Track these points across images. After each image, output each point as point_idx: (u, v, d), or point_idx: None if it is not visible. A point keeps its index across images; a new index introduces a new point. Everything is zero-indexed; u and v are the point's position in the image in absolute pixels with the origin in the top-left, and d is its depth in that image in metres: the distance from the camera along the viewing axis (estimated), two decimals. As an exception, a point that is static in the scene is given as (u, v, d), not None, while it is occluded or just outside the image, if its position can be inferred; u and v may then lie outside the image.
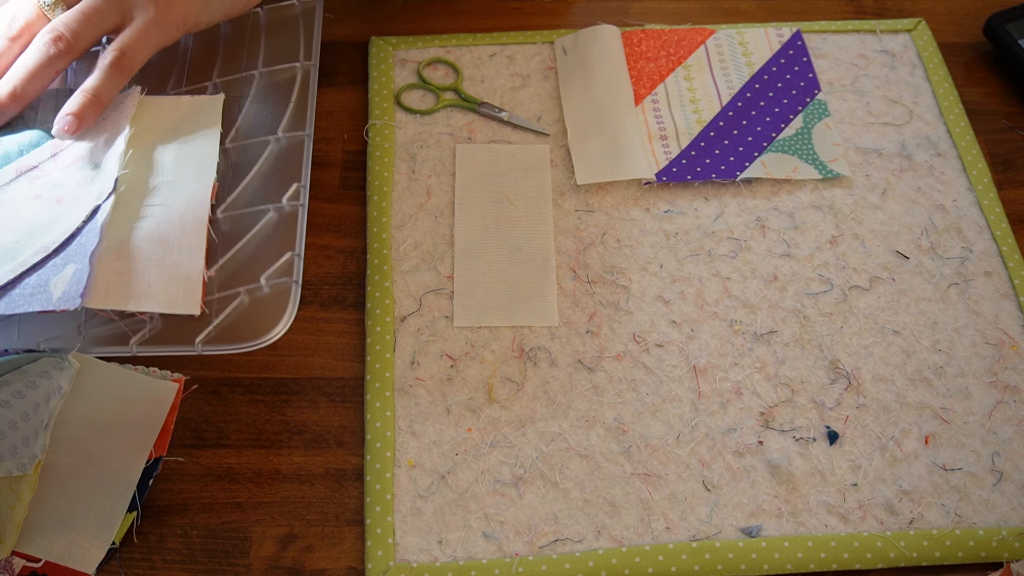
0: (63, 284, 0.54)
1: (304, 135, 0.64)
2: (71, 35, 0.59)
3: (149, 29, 0.61)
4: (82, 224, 0.57)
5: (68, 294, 0.54)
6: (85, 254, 0.55)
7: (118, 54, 0.60)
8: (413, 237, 0.67)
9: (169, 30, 0.62)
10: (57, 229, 0.57)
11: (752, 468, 0.59)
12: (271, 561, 0.56)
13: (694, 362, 0.63)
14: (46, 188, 0.59)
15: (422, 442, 0.60)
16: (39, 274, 0.55)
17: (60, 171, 0.60)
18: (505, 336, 0.63)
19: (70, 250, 0.56)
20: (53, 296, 0.54)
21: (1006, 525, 0.58)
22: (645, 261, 0.67)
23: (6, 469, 0.53)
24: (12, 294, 0.54)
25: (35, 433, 0.55)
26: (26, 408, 0.55)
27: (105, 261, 0.55)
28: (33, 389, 0.55)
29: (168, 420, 0.58)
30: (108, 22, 0.60)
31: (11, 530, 0.54)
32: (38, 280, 0.55)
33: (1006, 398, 0.62)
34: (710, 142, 0.72)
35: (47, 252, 0.56)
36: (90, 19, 0.60)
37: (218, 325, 0.56)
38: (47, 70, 0.59)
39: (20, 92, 0.59)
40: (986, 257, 0.67)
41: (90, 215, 0.57)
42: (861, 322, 0.65)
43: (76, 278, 0.54)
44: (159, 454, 0.57)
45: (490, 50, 0.77)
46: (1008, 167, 0.73)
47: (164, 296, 0.55)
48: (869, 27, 0.79)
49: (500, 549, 0.56)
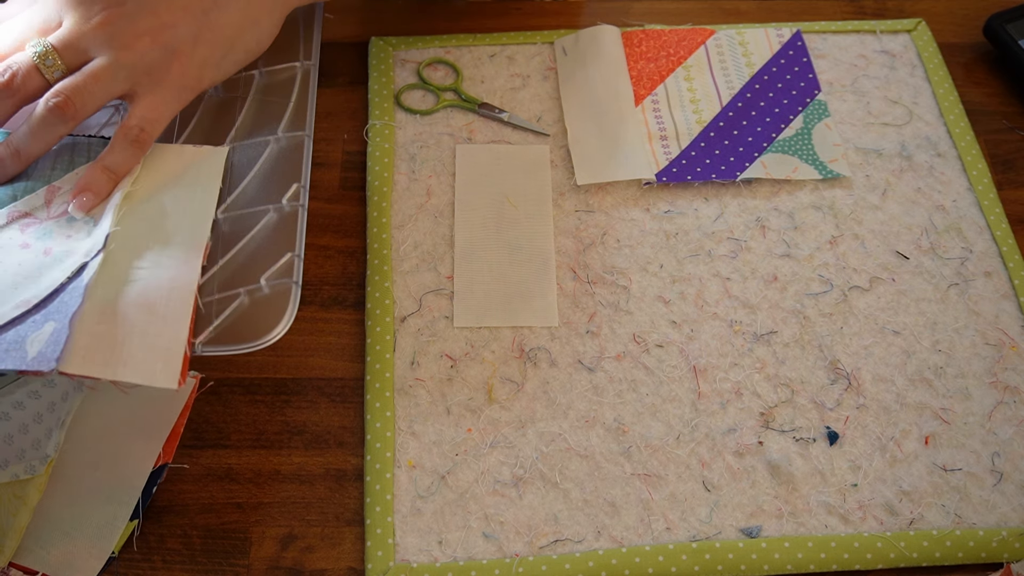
0: (39, 343, 0.52)
1: (304, 135, 0.64)
2: (79, 102, 0.57)
3: (167, 99, 0.58)
4: (67, 281, 0.55)
5: (43, 355, 0.51)
6: (66, 314, 0.53)
7: (137, 129, 0.58)
8: (413, 237, 0.67)
9: (184, 95, 0.59)
10: (41, 284, 0.55)
11: (752, 468, 0.59)
12: (271, 561, 0.56)
13: (694, 362, 0.63)
14: (35, 237, 0.58)
15: (422, 442, 0.60)
16: (17, 329, 0.53)
17: (52, 220, 0.58)
18: (505, 336, 0.63)
19: (51, 307, 0.54)
20: (28, 355, 0.51)
21: (1006, 525, 0.58)
22: (645, 261, 0.67)
23: (12, 474, 0.53)
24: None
25: (48, 433, 0.54)
26: (39, 409, 0.54)
27: (86, 324, 0.53)
28: (50, 388, 0.55)
29: (179, 422, 0.58)
30: (117, 88, 0.58)
31: (12, 538, 0.53)
32: (15, 336, 0.52)
33: (1006, 398, 0.62)
34: (710, 142, 0.72)
35: (27, 307, 0.54)
36: (100, 84, 0.57)
37: (218, 326, 0.56)
38: (51, 135, 0.57)
39: (24, 153, 0.58)
40: (986, 257, 0.67)
41: (76, 272, 0.55)
42: (861, 322, 0.65)
43: (54, 338, 0.52)
44: (165, 460, 0.57)
45: (490, 50, 0.77)
46: (1008, 167, 0.73)
47: (143, 367, 0.53)
48: (869, 27, 0.79)
49: (500, 549, 0.56)
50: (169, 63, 0.58)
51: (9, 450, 0.53)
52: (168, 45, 0.58)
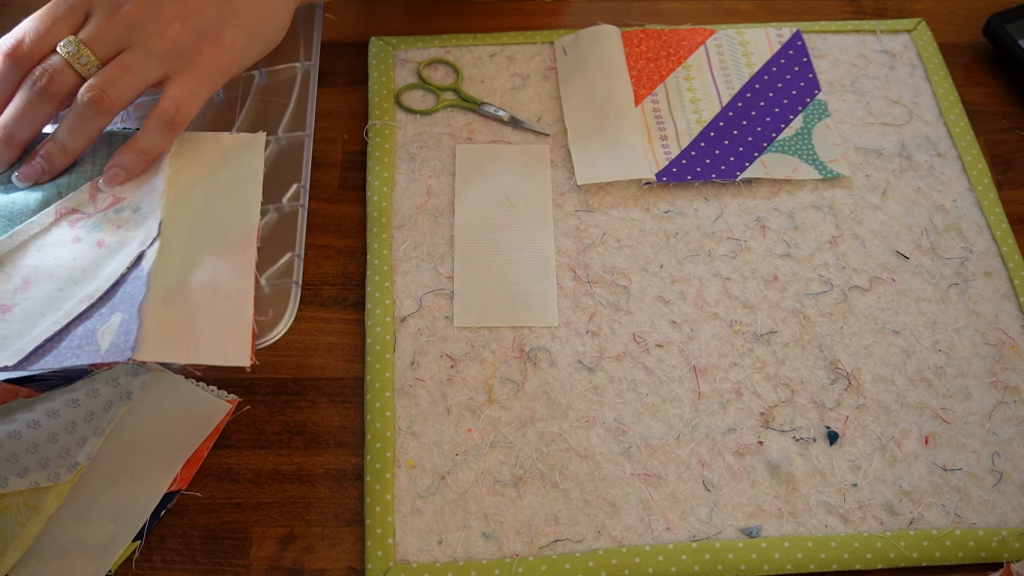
0: (110, 335, 0.52)
1: (304, 135, 0.64)
2: (115, 94, 0.57)
3: (200, 82, 0.59)
4: (126, 271, 0.55)
5: (116, 346, 0.52)
6: (132, 304, 0.53)
7: (172, 111, 0.58)
8: (413, 237, 0.67)
9: (216, 78, 0.60)
10: (100, 276, 0.56)
11: (752, 468, 0.59)
12: (271, 561, 0.56)
13: (694, 362, 0.63)
14: (85, 231, 0.58)
15: (422, 442, 0.60)
16: (86, 325, 0.53)
17: (99, 214, 0.59)
18: (505, 336, 0.63)
19: (116, 299, 0.54)
20: (101, 348, 0.52)
21: (1006, 525, 0.58)
22: (645, 261, 0.67)
23: (31, 481, 0.52)
24: (60, 347, 0.53)
25: (81, 442, 0.54)
26: (75, 419, 0.54)
27: (153, 311, 0.53)
28: (93, 398, 0.54)
29: (203, 446, 0.57)
30: (151, 76, 0.58)
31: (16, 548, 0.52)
32: (85, 331, 0.53)
33: (1006, 398, 0.62)
34: (710, 142, 0.72)
35: (92, 301, 0.54)
36: (134, 74, 0.58)
37: (218, 326, 0.56)
38: (90, 128, 0.58)
39: (70, 149, 0.59)
40: (986, 257, 0.67)
41: (135, 262, 0.56)
42: (861, 322, 0.65)
43: (123, 328, 0.52)
44: (180, 486, 0.57)
45: (490, 50, 0.77)
46: (1008, 167, 0.73)
47: (215, 347, 0.53)
48: (869, 27, 0.79)
49: (500, 549, 0.56)
50: (200, 47, 0.59)
51: (31, 458, 0.52)
52: (198, 29, 0.59)
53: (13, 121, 0.58)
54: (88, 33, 0.58)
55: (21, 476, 0.52)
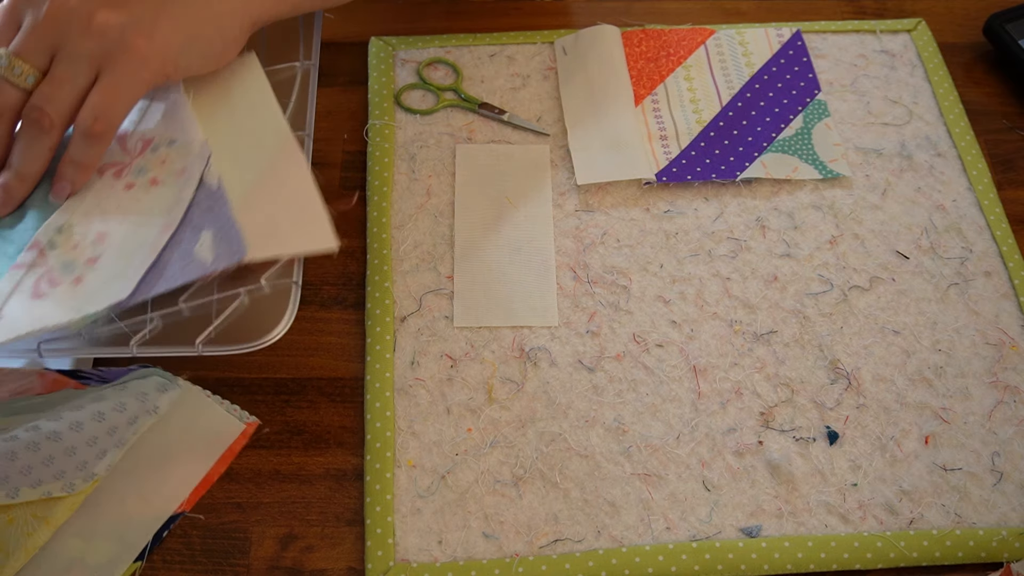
0: (210, 248, 0.54)
1: (304, 135, 0.64)
2: (54, 112, 0.56)
3: (124, 84, 0.56)
4: (195, 194, 0.57)
5: (223, 254, 0.54)
6: (219, 216, 0.55)
7: (90, 120, 0.56)
8: (413, 237, 0.67)
9: (145, 76, 0.57)
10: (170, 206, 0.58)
11: (752, 468, 0.59)
12: (271, 561, 0.56)
13: (694, 362, 0.63)
14: (134, 176, 0.60)
15: (422, 442, 0.60)
16: (178, 249, 0.55)
17: (138, 158, 0.60)
18: (505, 336, 0.63)
19: (197, 219, 0.56)
20: (207, 261, 0.54)
21: (1006, 525, 0.58)
22: (645, 261, 0.67)
23: (44, 491, 0.52)
24: (165, 273, 0.55)
25: (100, 454, 0.54)
26: (97, 433, 0.54)
27: (242, 217, 0.55)
28: (119, 412, 0.54)
29: (215, 469, 0.57)
30: (82, 82, 0.56)
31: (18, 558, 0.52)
32: (181, 254, 0.55)
33: (1006, 398, 0.62)
34: (710, 142, 0.72)
35: (173, 229, 0.56)
36: (66, 83, 0.56)
37: (218, 326, 0.56)
38: (39, 147, 0.57)
39: (26, 174, 0.58)
40: (986, 257, 0.67)
41: (199, 183, 0.58)
42: (861, 322, 0.65)
43: (221, 237, 0.54)
44: (184, 508, 0.56)
45: (490, 50, 0.77)
46: (1008, 167, 0.73)
47: (304, 237, 0.56)
48: (869, 27, 0.79)
49: (500, 549, 0.56)
50: (127, 40, 0.56)
51: (46, 471, 0.52)
52: (125, 24, 0.56)
53: None
54: (17, 44, 0.56)
55: (33, 487, 0.52)
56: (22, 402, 0.55)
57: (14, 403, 0.55)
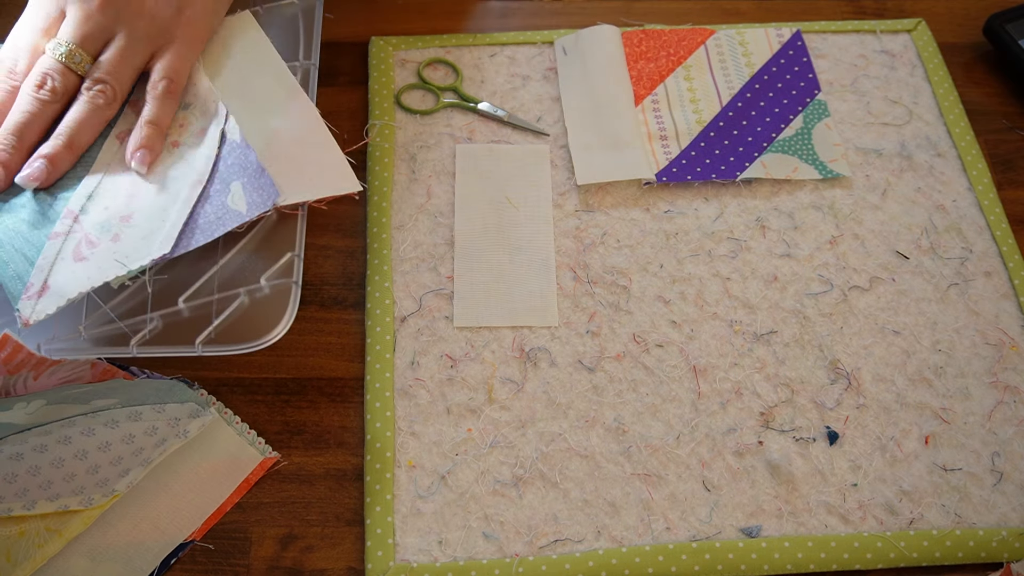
0: (242, 199, 0.57)
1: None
2: (116, 83, 0.61)
3: (184, 51, 0.63)
4: (219, 151, 0.60)
5: (257, 202, 0.57)
6: (247, 167, 0.58)
7: (167, 81, 0.62)
8: (413, 237, 0.67)
9: (196, 46, 0.64)
10: (196, 164, 0.60)
11: (752, 468, 0.59)
12: (271, 561, 0.56)
13: (694, 362, 0.63)
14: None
15: (422, 442, 0.60)
16: (210, 202, 0.58)
17: None
18: (505, 336, 0.63)
19: (224, 173, 0.59)
20: (242, 210, 0.57)
21: (1006, 525, 0.58)
22: (645, 261, 0.67)
23: (61, 504, 0.52)
24: (201, 224, 0.57)
25: (124, 472, 0.54)
26: (123, 453, 0.54)
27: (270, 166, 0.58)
28: (149, 436, 0.55)
29: (229, 499, 0.57)
30: (141, 58, 0.62)
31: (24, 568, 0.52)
32: (214, 207, 0.57)
33: (1006, 398, 0.62)
34: (710, 142, 0.72)
35: (202, 185, 0.59)
36: (128, 60, 0.61)
37: (218, 326, 0.57)
38: (98, 119, 0.61)
39: (76, 144, 0.61)
40: (986, 257, 0.67)
41: (220, 139, 0.60)
42: (861, 322, 0.65)
43: (253, 186, 0.57)
44: (194, 537, 0.56)
45: (490, 50, 0.77)
46: (1008, 167, 0.73)
47: (329, 182, 0.59)
48: (869, 27, 0.79)
49: (500, 549, 0.56)
50: (178, 18, 0.62)
51: (66, 486, 0.53)
52: (172, 2, 0.62)
53: (23, 125, 0.60)
54: (73, 33, 0.60)
55: (51, 500, 0.52)
56: (69, 391, 0.56)
57: (61, 391, 0.56)
